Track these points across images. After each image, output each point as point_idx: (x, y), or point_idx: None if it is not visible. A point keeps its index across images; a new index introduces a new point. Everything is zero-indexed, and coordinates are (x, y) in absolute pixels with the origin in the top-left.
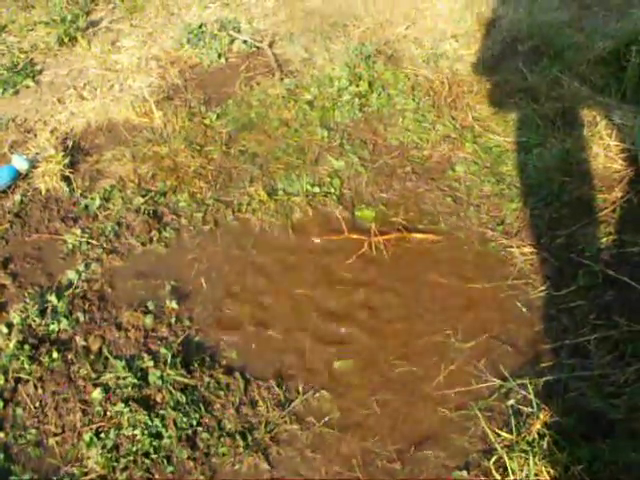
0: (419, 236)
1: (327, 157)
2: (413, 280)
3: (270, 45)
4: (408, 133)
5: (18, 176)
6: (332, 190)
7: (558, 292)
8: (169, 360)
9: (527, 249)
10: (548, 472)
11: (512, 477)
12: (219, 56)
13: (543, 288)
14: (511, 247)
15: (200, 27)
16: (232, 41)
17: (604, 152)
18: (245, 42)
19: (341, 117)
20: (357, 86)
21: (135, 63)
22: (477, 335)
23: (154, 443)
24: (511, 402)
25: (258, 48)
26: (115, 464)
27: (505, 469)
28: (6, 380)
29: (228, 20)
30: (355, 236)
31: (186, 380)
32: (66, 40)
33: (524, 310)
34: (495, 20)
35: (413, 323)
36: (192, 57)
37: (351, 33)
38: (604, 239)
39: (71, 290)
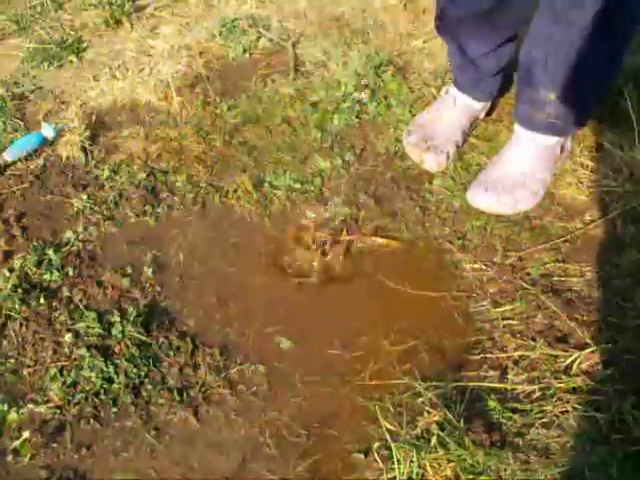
0: (380, 240)
1: (316, 157)
2: (364, 281)
3: (293, 45)
4: (397, 143)
5: (45, 142)
6: (312, 188)
7: (495, 309)
8: (132, 318)
9: (478, 265)
10: (432, 467)
11: (396, 465)
12: (244, 51)
13: (484, 303)
14: (465, 261)
15: (233, 21)
16: (259, 38)
17: (576, 182)
18: (271, 40)
19: (338, 121)
20: (360, 93)
21: (167, 50)
22: (410, 338)
23: (105, 386)
24: (420, 400)
25: (282, 47)
26: (70, 398)
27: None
28: None
29: (260, 17)
30: (319, 234)
31: (143, 338)
32: (112, 22)
33: (460, 321)
34: None
35: (354, 320)
36: (220, 49)
37: (370, 41)
38: (551, 265)
39: (68, 247)
